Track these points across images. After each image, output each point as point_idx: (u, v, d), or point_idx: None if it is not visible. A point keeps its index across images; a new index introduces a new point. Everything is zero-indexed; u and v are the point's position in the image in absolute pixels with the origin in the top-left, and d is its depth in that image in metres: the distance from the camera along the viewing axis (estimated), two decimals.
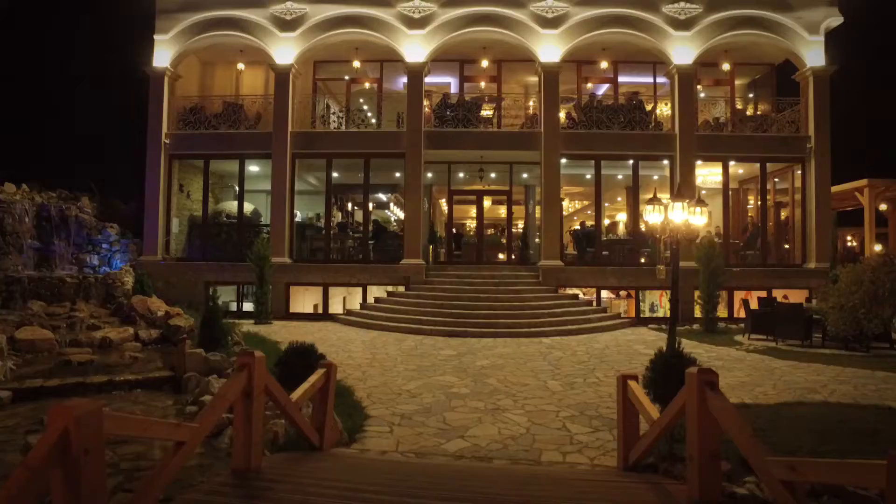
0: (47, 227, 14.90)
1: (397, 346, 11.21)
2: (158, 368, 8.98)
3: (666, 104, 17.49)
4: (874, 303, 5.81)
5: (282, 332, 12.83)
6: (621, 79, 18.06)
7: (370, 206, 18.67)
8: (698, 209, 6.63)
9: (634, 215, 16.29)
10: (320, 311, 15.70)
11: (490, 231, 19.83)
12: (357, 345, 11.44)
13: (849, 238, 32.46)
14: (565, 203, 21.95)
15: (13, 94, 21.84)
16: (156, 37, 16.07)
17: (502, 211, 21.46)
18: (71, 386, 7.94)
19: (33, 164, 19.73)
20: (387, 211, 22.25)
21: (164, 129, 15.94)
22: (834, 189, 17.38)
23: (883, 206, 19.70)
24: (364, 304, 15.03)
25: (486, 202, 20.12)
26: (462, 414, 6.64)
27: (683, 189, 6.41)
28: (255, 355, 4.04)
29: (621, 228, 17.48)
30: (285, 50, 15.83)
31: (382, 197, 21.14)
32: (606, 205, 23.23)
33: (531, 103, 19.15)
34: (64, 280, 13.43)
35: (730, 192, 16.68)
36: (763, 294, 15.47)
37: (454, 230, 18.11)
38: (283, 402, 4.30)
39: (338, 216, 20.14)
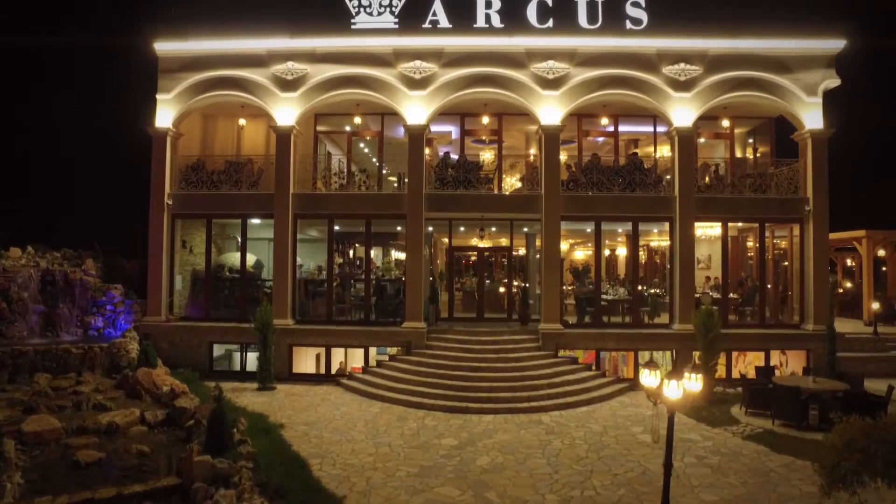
0: (52, 291, 15.10)
1: (399, 431, 11.37)
2: (166, 476, 9.15)
3: (666, 147, 17.51)
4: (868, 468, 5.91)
5: (286, 406, 13.02)
6: (622, 128, 18.19)
7: (372, 253, 18.84)
8: (693, 375, 6.76)
9: (635, 273, 16.45)
10: (322, 370, 15.87)
11: (490, 280, 19.91)
12: (360, 428, 11.59)
13: (848, 261, 32.67)
14: (565, 247, 22.12)
15: (15, 153, 21.97)
16: (158, 96, 16.15)
17: (504, 241, 21.56)
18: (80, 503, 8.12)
19: (37, 222, 19.80)
20: (392, 252, 22.39)
21: (167, 189, 16.05)
22: (832, 236, 17.54)
23: (881, 252, 19.82)
24: (366, 368, 15.19)
25: (488, 240, 20.30)
26: None
27: (680, 368, 6.53)
28: None
29: (622, 291, 17.56)
30: (286, 110, 15.91)
31: (386, 229, 21.23)
32: (607, 252, 23.48)
33: (532, 151, 19.31)
34: (69, 350, 13.63)
35: (728, 245, 16.84)
36: (761, 354, 15.71)
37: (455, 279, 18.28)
38: None
39: (339, 262, 20.32)
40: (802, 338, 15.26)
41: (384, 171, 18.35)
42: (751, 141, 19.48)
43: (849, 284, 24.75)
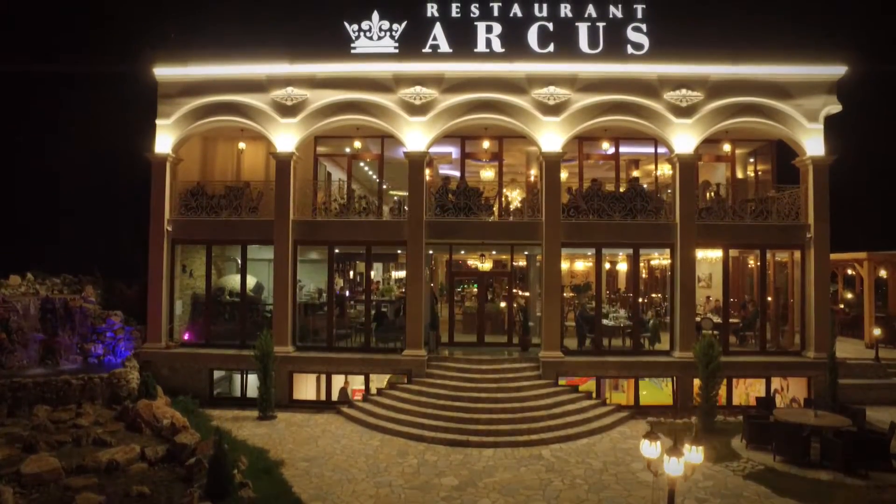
0: (52, 318, 15.08)
1: (400, 469, 11.36)
2: None
3: (667, 165, 17.39)
4: None
5: (286, 439, 13.00)
6: (623, 149, 18.13)
7: (372, 273, 18.84)
8: (694, 448, 6.72)
9: (635, 298, 16.42)
10: (323, 396, 15.84)
11: (491, 301, 19.88)
12: (360, 465, 11.56)
13: (849, 270, 32.58)
14: (566, 265, 22.10)
15: (14, 177, 21.94)
16: (158, 121, 16.10)
17: (505, 258, 21.52)
18: None
19: (37, 247, 19.77)
20: (392, 272, 22.36)
21: (167, 215, 16.01)
22: (833, 257, 17.45)
23: (883, 273, 19.79)
24: (367, 395, 15.16)
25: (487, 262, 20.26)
26: None
27: (681, 441, 6.49)
28: None
29: (622, 315, 17.54)
30: (286, 137, 15.86)
31: (387, 250, 21.19)
32: (608, 265, 23.43)
33: (533, 172, 19.28)
34: (69, 382, 13.60)
35: (730, 268, 16.80)
36: (762, 381, 15.69)
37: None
38: None
39: (339, 283, 20.32)
40: (803, 366, 15.23)
41: (385, 187, 18.32)
42: (752, 161, 19.43)
43: (850, 295, 24.72)
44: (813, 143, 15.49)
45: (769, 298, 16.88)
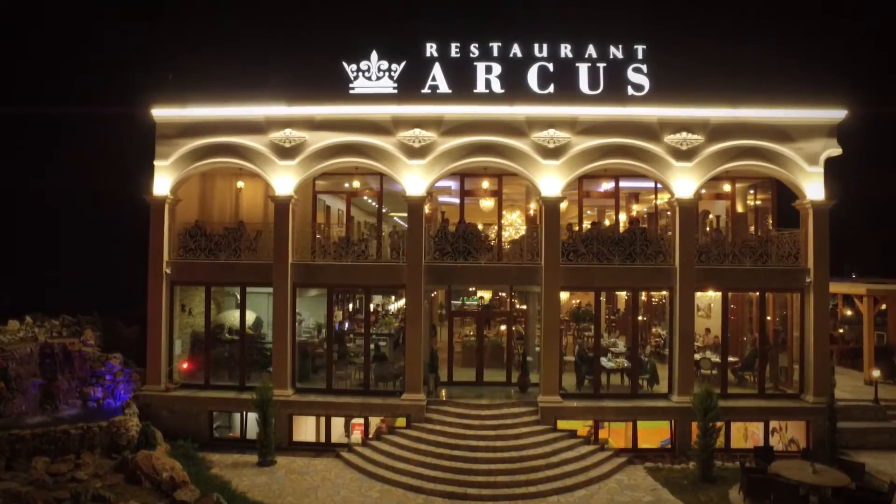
0: (51, 363, 15.07)
1: None
2: None
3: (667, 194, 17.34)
4: None
5: (286, 490, 13.01)
6: (623, 184, 18.10)
7: (371, 306, 18.83)
8: None
9: (635, 340, 16.40)
10: (322, 438, 15.83)
11: (490, 335, 19.83)
12: None
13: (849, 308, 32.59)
14: (564, 296, 22.07)
15: (14, 218, 21.95)
16: (156, 162, 16.05)
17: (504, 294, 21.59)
18: None
19: (35, 289, 19.77)
20: (392, 305, 22.36)
21: (166, 257, 15.98)
22: (832, 289, 17.41)
23: (883, 307, 19.78)
24: (366, 440, 15.11)
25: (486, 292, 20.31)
26: None
27: None
28: None
29: (621, 347, 17.56)
30: (285, 179, 15.82)
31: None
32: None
33: (532, 206, 19.25)
34: (68, 432, 13.58)
35: (729, 306, 16.81)
36: (760, 425, 15.71)
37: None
38: None
39: (338, 316, 20.32)
40: (802, 411, 15.23)
41: (384, 210, 18.23)
42: (752, 191, 19.39)
43: (849, 312, 24.67)
44: (813, 187, 15.44)
45: (769, 338, 16.84)
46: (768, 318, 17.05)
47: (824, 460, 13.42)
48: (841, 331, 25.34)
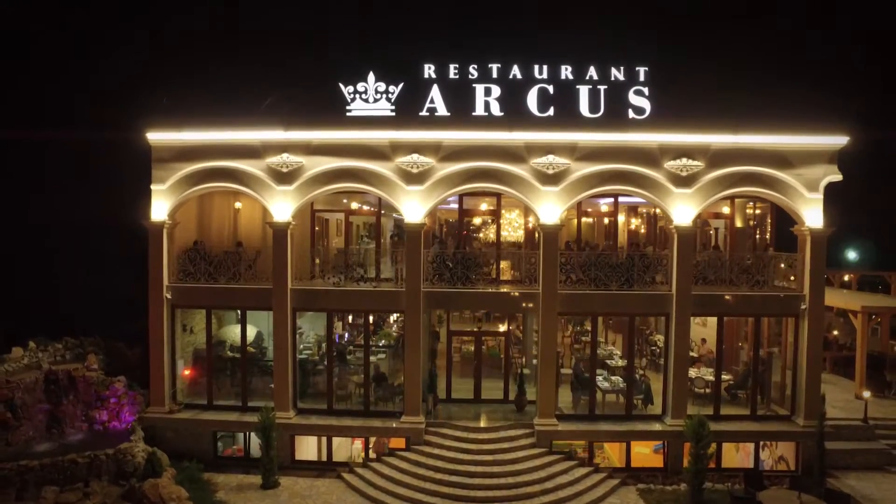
0: (56, 389, 15.33)
1: None
2: None
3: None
4: None
5: None
6: (622, 199, 18.09)
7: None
8: None
9: (630, 363, 16.64)
10: (324, 457, 16.22)
11: (488, 343, 20.06)
12: None
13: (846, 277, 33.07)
14: None
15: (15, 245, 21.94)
16: (153, 187, 15.98)
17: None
18: None
19: (37, 312, 19.90)
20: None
21: (165, 281, 16.06)
22: (828, 301, 17.58)
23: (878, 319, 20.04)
24: (367, 461, 15.49)
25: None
26: None
27: None
28: None
29: (617, 358, 17.85)
30: (282, 205, 15.78)
31: None
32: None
33: (531, 219, 19.23)
34: (75, 461, 13.90)
35: (724, 330, 17.02)
36: (751, 445, 16.11)
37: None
38: None
39: (338, 327, 20.52)
40: (793, 434, 15.59)
41: (382, 213, 18.25)
42: (751, 203, 19.39)
43: (836, 332, 24.97)
44: (812, 214, 15.44)
45: (762, 359, 17.10)
46: (763, 335, 17.26)
47: (812, 485, 13.83)
48: (836, 332, 25.69)
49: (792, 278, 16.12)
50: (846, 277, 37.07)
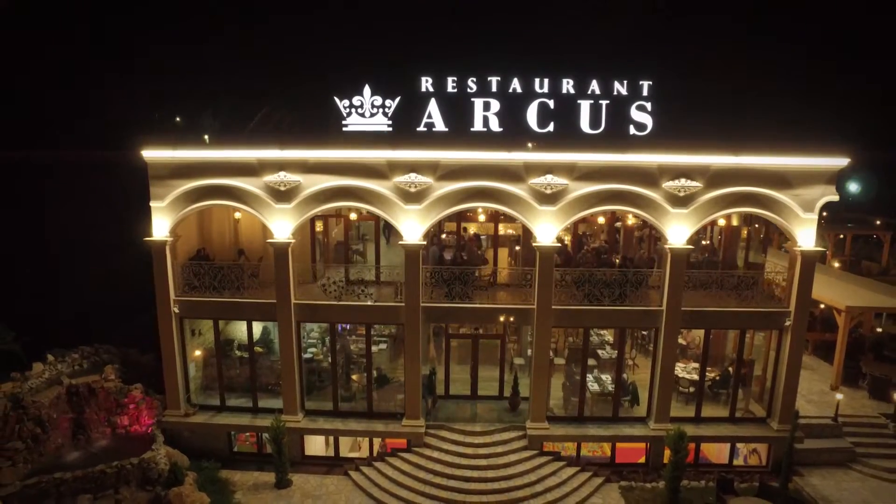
0: (77, 400, 16.33)
1: None
2: None
3: None
4: None
5: None
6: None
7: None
8: None
9: (618, 373, 17.46)
10: (332, 453, 17.52)
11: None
12: None
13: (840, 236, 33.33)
14: None
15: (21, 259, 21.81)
16: (152, 204, 16.01)
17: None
18: None
19: (53, 325, 20.39)
20: None
21: (172, 295, 16.51)
22: (815, 294, 18.25)
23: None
24: (371, 459, 16.78)
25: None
26: None
27: None
28: None
29: (608, 349, 18.77)
30: (282, 223, 15.90)
31: None
32: None
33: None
34: (105, 472, 15.13)
35: (710, 338, 17.69)
36: (727, 447, 17.36)
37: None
38: None
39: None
40: (767, 439, 16.76)
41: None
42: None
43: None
44: (805, 234, 15.63)
45: (744, 363, 17.95)
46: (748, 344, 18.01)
47: (777, 491, 15.13)
48: (822, 306, 26.45)
49: (781, 283, 16.58)
50: (840, 236, 37.50)
